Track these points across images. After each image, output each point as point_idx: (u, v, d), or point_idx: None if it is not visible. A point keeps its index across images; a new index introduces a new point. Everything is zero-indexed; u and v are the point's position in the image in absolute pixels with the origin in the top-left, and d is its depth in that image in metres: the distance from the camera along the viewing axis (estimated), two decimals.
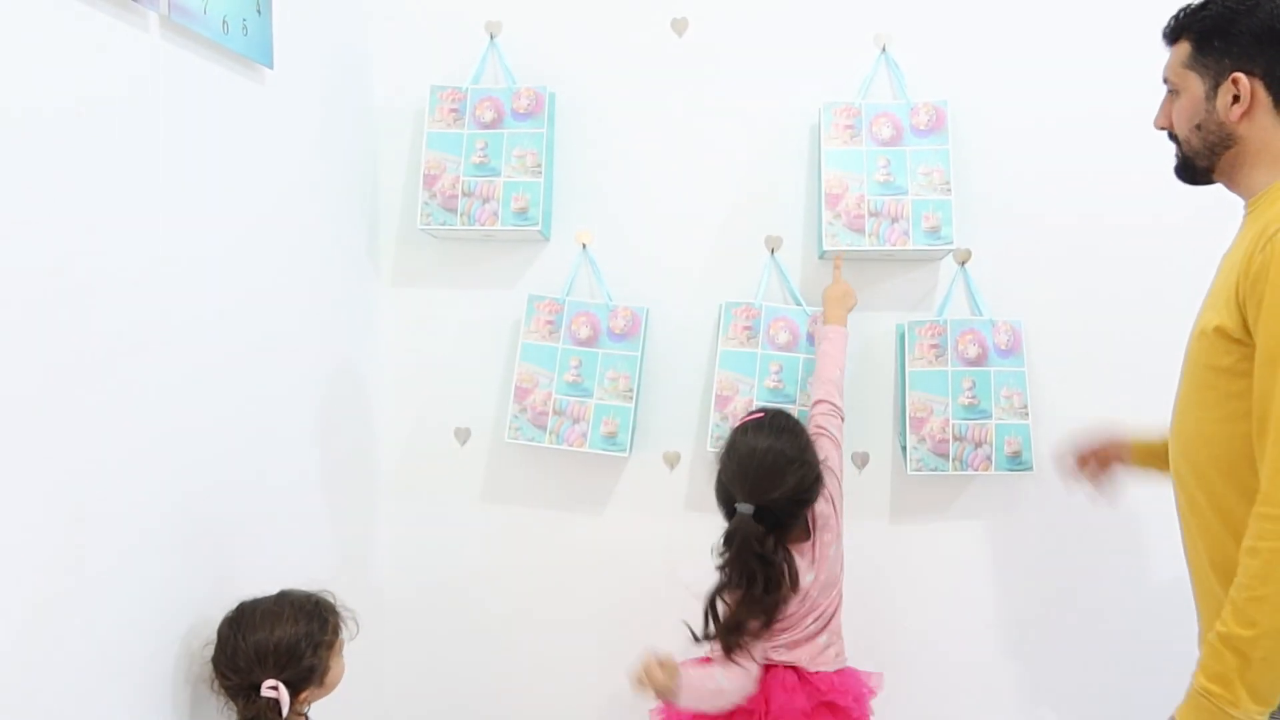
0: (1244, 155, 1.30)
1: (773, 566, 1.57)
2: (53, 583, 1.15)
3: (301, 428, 1.78)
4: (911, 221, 1.89)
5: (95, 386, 1.22)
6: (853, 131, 1.93)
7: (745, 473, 1.59)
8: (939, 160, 1.91)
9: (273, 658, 1.36)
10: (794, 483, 1.57)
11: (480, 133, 1.99)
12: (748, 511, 1.55)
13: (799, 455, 1.60)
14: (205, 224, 1.45)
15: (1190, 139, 1.33)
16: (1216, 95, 1.28)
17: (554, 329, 2.00)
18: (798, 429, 1.66)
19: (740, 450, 1.61)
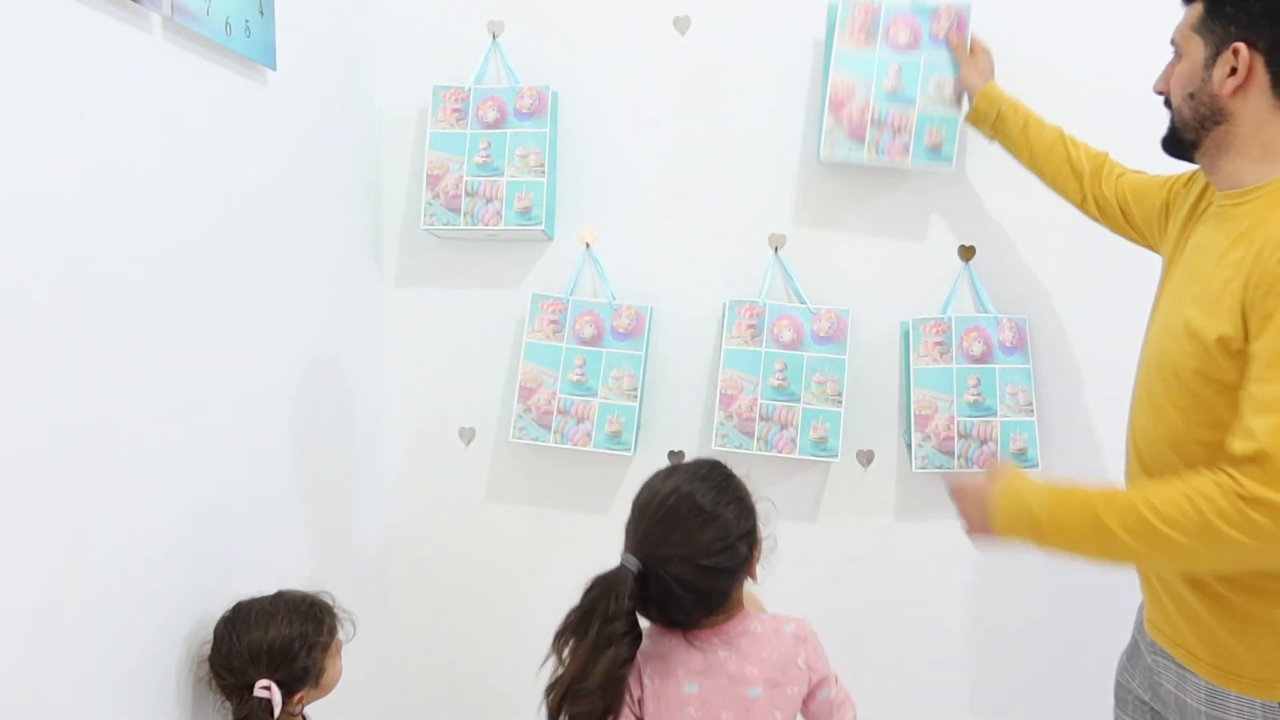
0: (1232, 137, 1.23)
1: (609, 645, 1.26)
2: (57, 580, 1.15)
3: (306, 428, 1.78)
4: (914, 135, 1.88)
5: (98, 388, 1.22)
6: (868, 34, 1.89)
7: (639, 518, 1.33)
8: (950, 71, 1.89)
9: (266, 658, 1.36)
10: (698, 542, 1.27)
11: (483, 132, 1.99)
12: (630, 566, 1.28)
13: (714, 509, 1.30)
14: (208, 226, 1.45)
15: (1182, 108, 1.27)
16: (1215, 64, 1.21)
17: (558, 328, 2.00)
18: (731, 485, 1.35)
19: (644, 492, 1.36)
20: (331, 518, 1.89)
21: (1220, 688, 1.24)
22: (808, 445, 1.91)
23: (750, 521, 1.35)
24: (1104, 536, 1.15)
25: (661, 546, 1.29)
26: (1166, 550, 1.12)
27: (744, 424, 1.93)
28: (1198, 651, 1.27)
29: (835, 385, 1.92)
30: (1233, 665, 1.23)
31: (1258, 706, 1.21)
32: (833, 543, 2.02)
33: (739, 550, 1.31)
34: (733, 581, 1.34)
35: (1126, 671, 1.49)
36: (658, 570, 1.28)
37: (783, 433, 1.92)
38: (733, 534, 1.30)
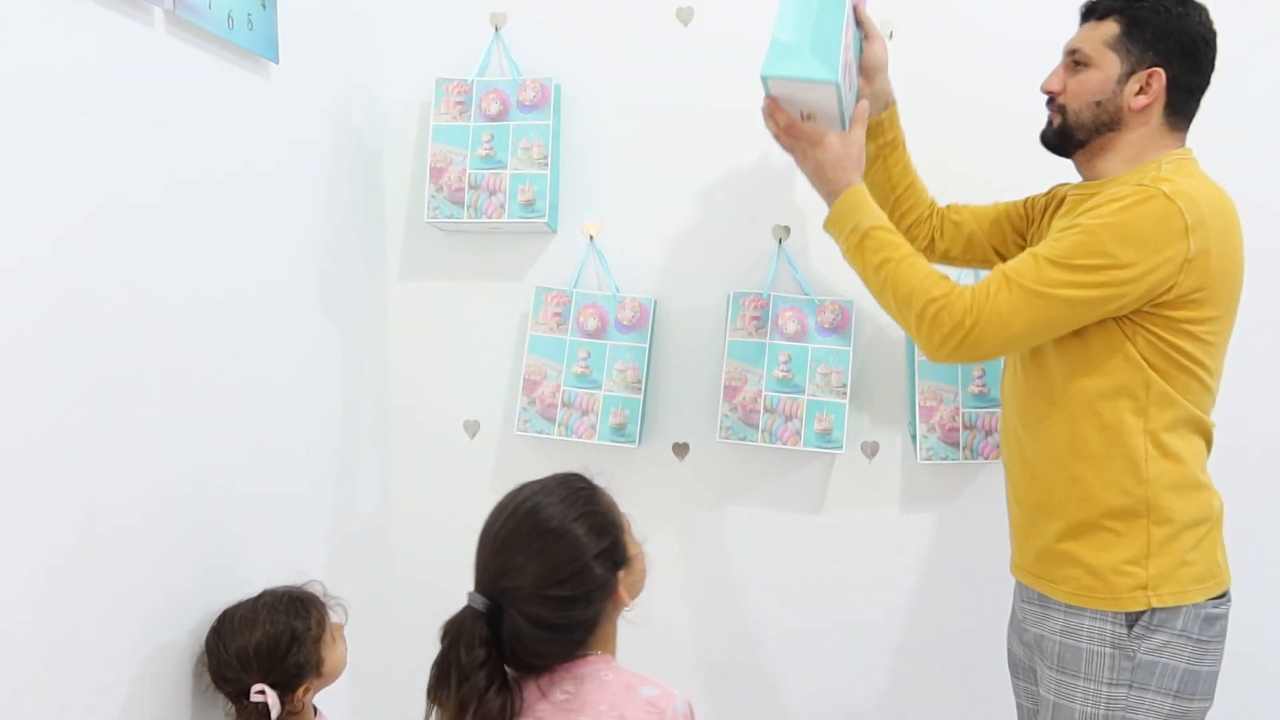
0: (1117, 142, 1.41)
1: (476, 702, 1.11)
2: (65, 575, 1.16)
3: (310, 421, 1.78)
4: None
5: (102, 382, 1.22)
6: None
7: (480, 547, 1.19)
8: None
9: (255, 662, 1.35)
10: (544, 567, 1.13)
11: (486, 125, 1.98)
12: (476, 605, 1.14)
13: (561, 526, 1.15)
14: (210, 219, 1.45)
15: (1083, 112, 1.41)
16: (1128, 81, 1.38)
17: (562, 321, 2.00)
18: (583, 497, 1.20)
19: (489, 516, 1.21)
20: (336, 510, 1.89)
21: (1075, 607, 1.37)
22: (812, 437, 1.91)
23: (610, 539, 1.18)
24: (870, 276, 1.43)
25: (504, 578, 1.14)
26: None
27: (748, 416, 1.93)
28: (1055, 575, 1.40)
29: (840, 377, 1.92)
30: (1084, 579, 1.36)
31: (1108, 624, 1.33)
32: (837, 535, 2.02)
33: (594, 573, 1.15)
34: (594, 612, 1.17)
35: (1011, 638, 1.61)
36: (506, 607, 1.13)
37: (787, 425, 1.92)
38: (585, 553, 1.14)
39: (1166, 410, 1.34)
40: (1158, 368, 1.33)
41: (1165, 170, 1.32)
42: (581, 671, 1.18)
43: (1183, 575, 1.33)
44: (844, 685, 2.03)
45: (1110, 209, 1.29)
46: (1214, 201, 1.31)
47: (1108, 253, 1.27)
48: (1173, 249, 1.26)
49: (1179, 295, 1.29)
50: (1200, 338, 1.33)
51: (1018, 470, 1.50)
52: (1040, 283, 1.30)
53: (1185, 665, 1.32)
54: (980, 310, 1.32)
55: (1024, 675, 1.56)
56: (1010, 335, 1.33)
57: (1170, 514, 1.33)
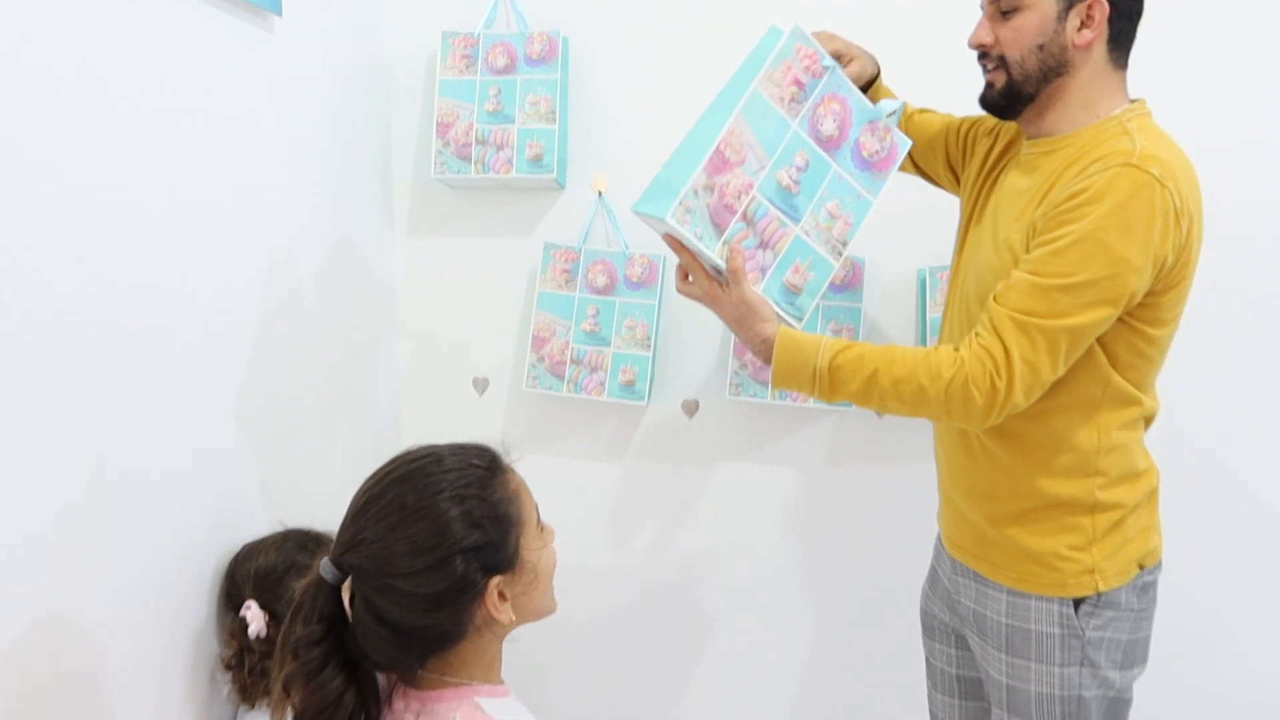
0: (1065, 89, 1.30)
1: (302, 681, 0.94)
2: (77, 523, 1.17)
3: (320, 378, 1.78)
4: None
5: (112, 332, 1.22)
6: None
7: (349, 508, 1.01)
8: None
9: (252, 582, 1.40)
10: (395, 548, 0.94)
11: (493, 79, 1.96)
12: (325, 574, 0.97)
13: (428, 503, 0.96)
14: (215, 176, 1.44)
15: (1026, 60, 1.30)
16: (1067, 16, 1.27)
17: (570, 278, 1.99)
18: (475, 477, 1.00)
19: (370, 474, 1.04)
20: (346, 466, 1.90)
21: (1020, 592, 1.34)
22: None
23: (492, 535, 0.98)
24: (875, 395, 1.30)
25: (353, 549, 0.96)
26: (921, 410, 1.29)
27: (758, 373, 1.92)
28: (998, 560, 1.37)
29: (851, 334, 1.91)
30: (1030, 566, 1.33)
31: (1055, 605, 1.32)
32: (847, 491, 2.02)
33: (456, 570, 0.95)
34: (446, 619, 0.96)
35: (929, 599, 1.60)
36: (354, 585, 0.96)
37: None
38: (449, 542, 0.95)
39: (1121, 409, 1.30)
40: (1120, 361, 1.28)
41: (1138, 138, 1.23)
42: (436, 707, 0.98)
43: (1124, 555, 1.32)
44: (846, 640, 2.04)
45: (1105, 208, 1.18)
46: (1187, 172, 1.24)
47: (1118, 257, 1.18)
48: (1170, 237, 1.20)
49: (1166, 284, 1.25)
50: (1166, 322, 1.29)
51: (955, 451, 1.44)
52: (1056, 315, 1.20)
53: (1126, 636, 1.33)
54: (1005, 367, 1.22)
55: (942, 638, 1.56)
56: (1046, 379, 1.23)
57: (1115, 502, 1.32)
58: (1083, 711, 1.31)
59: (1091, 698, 1.31)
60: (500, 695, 1.03)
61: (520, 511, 1.03)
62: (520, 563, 1.01)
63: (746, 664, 2.09)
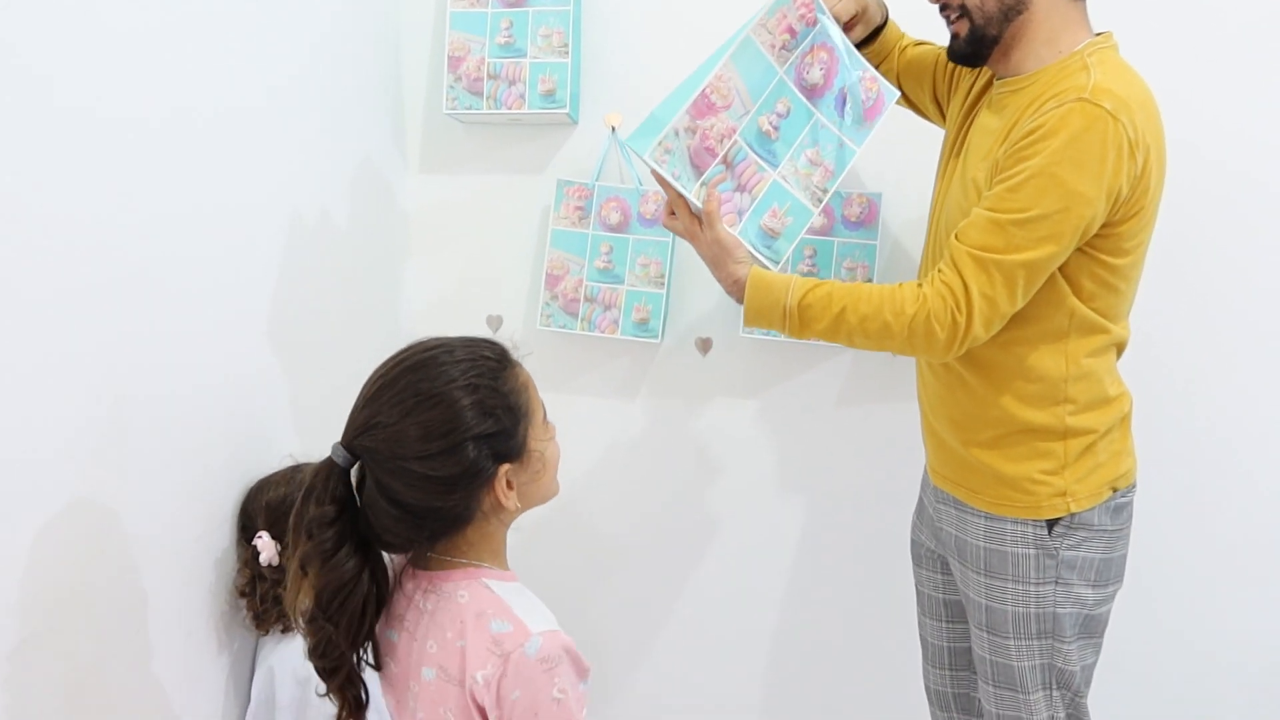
0: (1026, 25, 1.32)
1: (318, 560, 0.98)
2: (99, 464, 1.19)
3: (334, 318, 1.79)
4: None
5: (122, 269, 1.22)
6: None
7: (361, 391, 1.04)
8: None
9: (264, 514, 1.43)
10: (408, 432, 0.97)
11: (505, 11, 1.93)
12: (336, 458, 1.00)
13: (442, 390, 0.98)
14: (226, 104, 1.43)
15: (986, 3, 1.32)
16: None
17: (584, 215, 1.98)
18: (488, 368, 1.03)
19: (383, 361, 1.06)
20: None
21: (997, 515, 1.39)
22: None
23: (504, 424, 1.00)
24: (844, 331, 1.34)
25: (366, 432, 0.99)
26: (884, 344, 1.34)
27: None
28: (976, 485, 1.42)
29: (866, 271, 1.90)
30: (1005, 490, 1.38)
31: (1029, 527, 1.37)
32: (857, 430, 2.02)
33: (468, 455, 0.98)
34: (458, 504, 1.00)
35: (916, 528, 1.68)
36: (365, 468, 1.00)
37: None
38: (461, 429, 0.97)
39: (1087, 336, 1.33)
40: (1084, 291, 1.31)
41: (1095, 71, 1.24)
42: (444, 586, 1.03)
43: (1096, 478, 1.36)
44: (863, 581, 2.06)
45: (1058, 142, 1.21)
46: (1145, 105, 1.26)
47: (1071, 191, 1.21)
48: (1124, 169, 1.22)
49: (1124, 214, 1.27)
50: (1128, 251, 1.30)
51: (932, 382, 1.50)
52: (1013, 249, 1.24)
53: (1100, 555, 1.38)
54: (964, 301, 1.27)
55: (929, 565, 1.63)
56: (1005, 311, 1.28)
57: (1086, 428, 1.35)
58: (1057, 627, 1.37)
59: (1065, 614, 1.37)
60: (508, 580, 1.06)
61: (529, 403, 1.05)
62: (528, 452, 1.04)
63: (754, 595, 2.11)
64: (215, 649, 1.43)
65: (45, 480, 1.10)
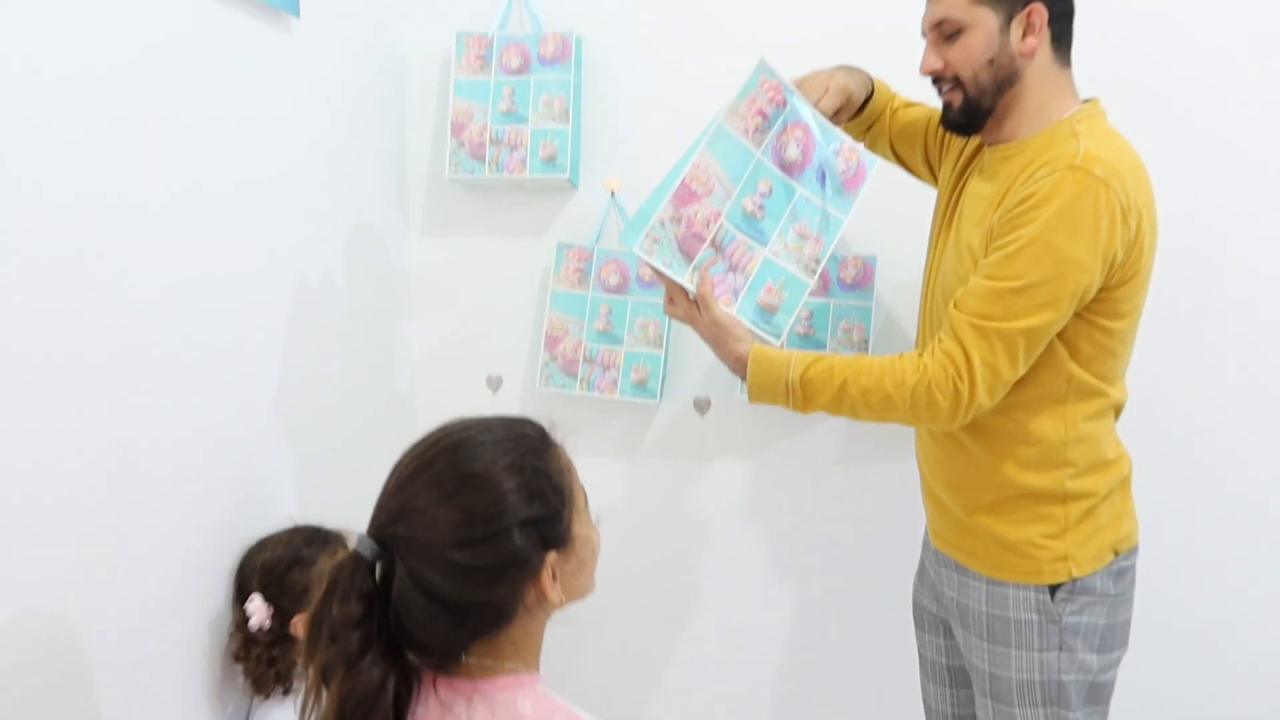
0: (1019, 96, 1.35)
1: (342, 666, 0.87)
2: (100, 515, 1.19)
3: (337, 375, 1.80)
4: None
5: (131, 336, 1.24)
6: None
7: (388, 478, 0.96)
8: None
9: (258, 575, 1.42)
10: (448, 519, 0.89)
11: (507, 79, 1.97)
12: (363, 550, 0.91)
13: (486, 471, 0.91)
14: (234, 174, 1.46)
15: (980, 76, 1.34)
16: (1010, 28, 1.31)
17: (583, 277, 2.00)
18: (532, 447, 0.96)
19: (411, 444, 0.98)
20: (360, 462, 1.91)
21: (999, 580, 1.38)
22: None
23: (550, 508, 0.94)
24: (847, 404, 1.35)
25: (400, 521, 0.91)
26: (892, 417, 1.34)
27: None
28: (977, 550, 1.41)
29: (862, 333, 1.91)
30: (1007, 555, 1.37)
31: (1032, 592, 1.36)
32: (856, 489, 2.02)
33: (513, 543, 0.90)
34: (502, 597, 0.91)
35: (918, 591, 1.65)
36: (397, 560, 0.90)
37: None
38: (508, 514, 0.90)
39: (1086, 400, 1.34)
40: (1082, 355, 1.31)
41: (1084, 139, 1.27)
42: (495, 694, 0.92)
43: (1098, 542, 1.36)
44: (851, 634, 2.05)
45: (1051, 210, 1.22)
46: (1135, 171, 1.28)
47: (1066, 257, 1.22)
48: (1118, 235, 1.23)
49: (1119, 279, 1.28)
50: (1124, 314, 1.32)
51: (931, 446, 1.50)
52: (1012, 317, 1.24)
53: (1104, 620, 1.36)
54: (966, 370, 1.27)
55: (931, 629, 1.61)
56: (1008, 379, 1.28)
57: (1086, 491, 1.35)
58: (1062, 695, 1.35)
59: (1070, 681, 1.35)
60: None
61: (572, 486, 0.99)
62: (572, 539, 0.97)
63: (753, 658, 2.09)
64: (208, 713, 1.41)
65: (43, 538, 1.11)
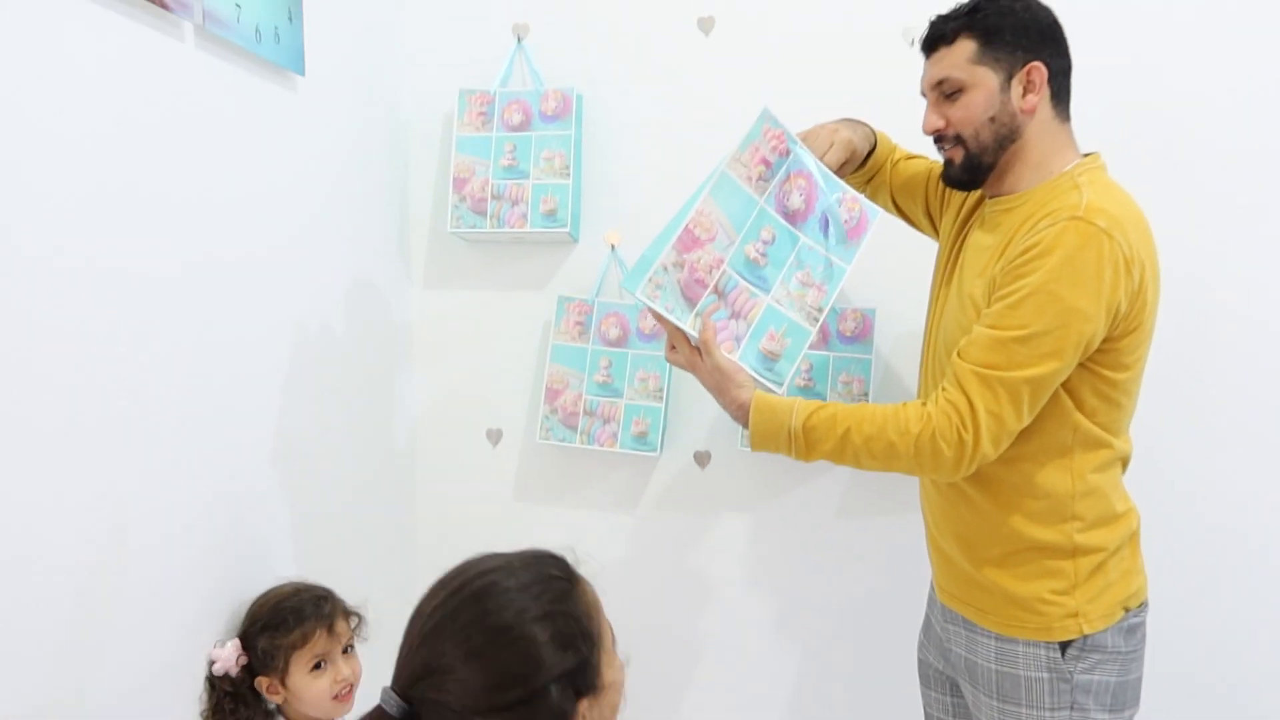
0: (1021, 150, 1.36)
1: None
2: (96, 581, 1.18)
3: (334, 428, 1.80)
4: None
5: (136, 390, 1.24)
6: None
7: (411, 625, 0.91)
8: None
9: (244, 621, 1.41)
10: (477, 678, 0.85)
11: (509, 135, 2.00)
12: (389, 708, 0.86)
13: (516, 624, 0.86)
14: (239, 230, 1.47)
15: (981, 133, 1.35)
16: (1010, 86, 1.33)
17: (584, 330, 2.01)
18: (559, 591, 0.91)
19: (432, 584, 0.93)
20: (359, 516, 1.90)
21: (1008, 637, 1.37)
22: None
23: (580, 656, 0.88)
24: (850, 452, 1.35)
25: (427, 679, 0.85)
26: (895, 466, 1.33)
27: None
28: (985, 605, 1.40)
29: (862, 385, 1.91)
30: (1016, 611, 1.35)
31: (1042, 649, 1.34)
32: (859, 541, 2.01)
33: (549, 701, 0.84)
34: None
35: (924, 648, 1.62)
36: (421, 710, 0.85)
37: None
38: (543, 671, 0.85)
39: (1092, 451, 1.34)
40: (1086, 406, 1.31)
41: (1086, 191, 1.28)
42: None
43: (1108, 598, 1.35)
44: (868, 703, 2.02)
45: (1054, 260, 1.23)
46: (1137, 223, 1.28)
47: (1070, 307, 1.23)
48: (1122, 285, 1.24)
49: (1123, 330, 1.28)
50: (1128, 365, 1.32)
51: (936, 499, 1.49)
52: (1016, 366, 1.25)
53: (1116, 679, 1.34)
54: (970, 419, 1.27)
55: (938, 687, 1.58)
56: (1012, 428, 1.28)
57: (1095, 546, 1.34)
58: None
59: None
60: None
61: (600, 625, 0.93)
62: (602, 683, 0.91)
63: (754, 714, 2.06)
64: None
65: (37, 602, 1.09)
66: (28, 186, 1.07)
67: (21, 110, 1.06)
